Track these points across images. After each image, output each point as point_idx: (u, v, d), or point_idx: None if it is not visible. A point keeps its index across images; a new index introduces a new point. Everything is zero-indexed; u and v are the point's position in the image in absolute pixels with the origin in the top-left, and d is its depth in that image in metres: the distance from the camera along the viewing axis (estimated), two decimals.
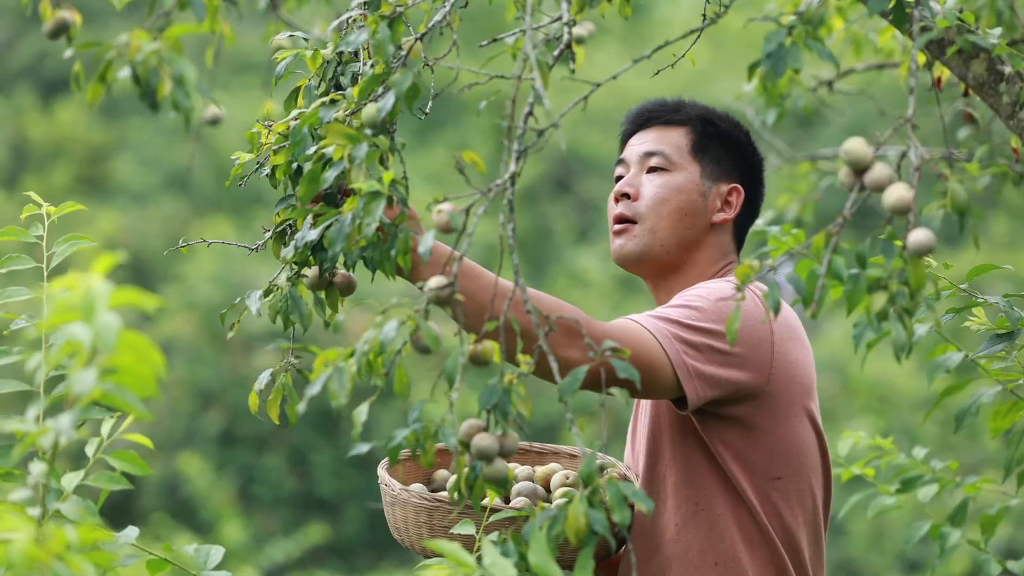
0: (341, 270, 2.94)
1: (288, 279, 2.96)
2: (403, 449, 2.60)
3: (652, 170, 3.30)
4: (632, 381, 2.67)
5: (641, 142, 3.34)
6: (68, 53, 2.60)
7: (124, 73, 2.48)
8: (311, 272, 2.95)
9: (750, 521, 3.14)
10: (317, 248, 2.87)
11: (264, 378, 3.01)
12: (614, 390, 2.64)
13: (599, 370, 2.75)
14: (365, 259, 2.75)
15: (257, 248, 3.07)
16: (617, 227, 3.31)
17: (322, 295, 2.99)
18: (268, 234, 3.02)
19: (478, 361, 2.59)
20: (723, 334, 3.04)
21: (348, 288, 2.98)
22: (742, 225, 3.34)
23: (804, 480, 3.18)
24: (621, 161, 3.37)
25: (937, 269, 3.28)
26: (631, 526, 3.12)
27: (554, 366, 2.61)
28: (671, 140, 3.32)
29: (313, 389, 2.60)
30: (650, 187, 3.29)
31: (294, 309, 2.96)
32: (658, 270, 3.30)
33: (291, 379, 3.01)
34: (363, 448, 2.59)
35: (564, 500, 2.53)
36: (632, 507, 2.67)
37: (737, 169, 3.33)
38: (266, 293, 2.99)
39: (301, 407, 2.74)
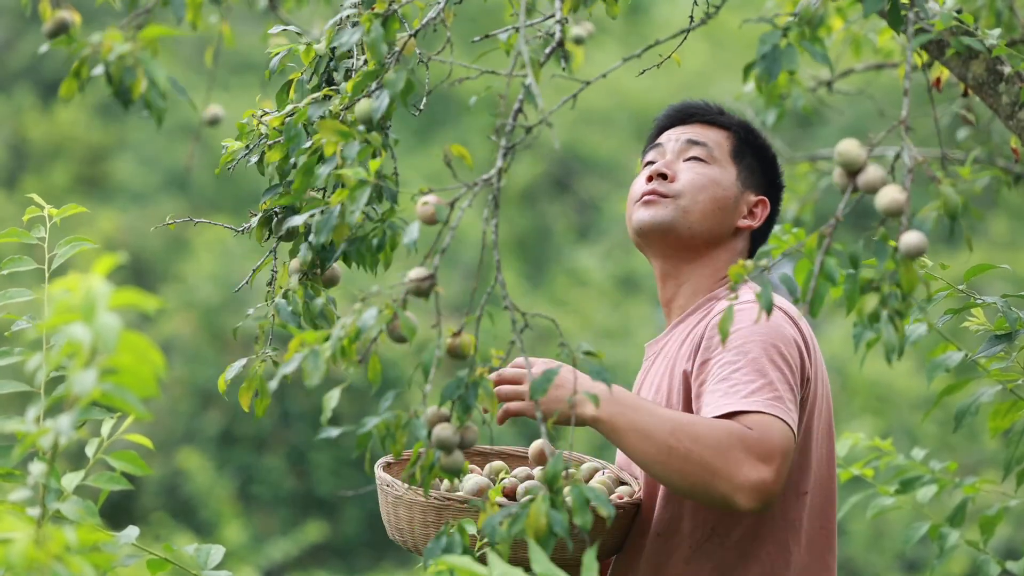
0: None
1: (300, 282, 2.98)
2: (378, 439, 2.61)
3: (691, 159, 3.30)
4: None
5: (683, 132, 3.33)
6: (43, 48, 2.62)
7: (98, 71, 2.50)
8: (294, 262, 2.98)
9: (774, 548, 3.11)
10: (325, 247, 2.88)
11: (237, 367, 3.03)
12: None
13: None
14: (347, 253, 2.76)
15: (243, 230, 3.09)
16: (647, 198, 3.27)
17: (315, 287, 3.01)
18: (255, 219, 3.05)
19: (456, 354, 2.60)
20: (793, 370, 3.03)
21: (332, 280, 3.02)
22: (756, 240, 3.34)
23: (824, 492, 3.16)
24: (656, 147, 3.34)
25: (933, 269, 3.28)
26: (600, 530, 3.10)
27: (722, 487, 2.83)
28: (713, 137, 3.32)
29: (288, 368, 2.61)
30: (689, 173, 3.28)
31: (315, 309, 2.98)
32: (676, 251, 3.27)
33: (263, 368, 3.04)
34: (332, 432, 2.60)
35: (528, 498, 2.54)
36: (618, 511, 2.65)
37: (766, 183, 3.35)
38: (282, 295, 3.00)
39: (273, 384, 2.74)
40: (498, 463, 3.28)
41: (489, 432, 2.63)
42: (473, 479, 3.12)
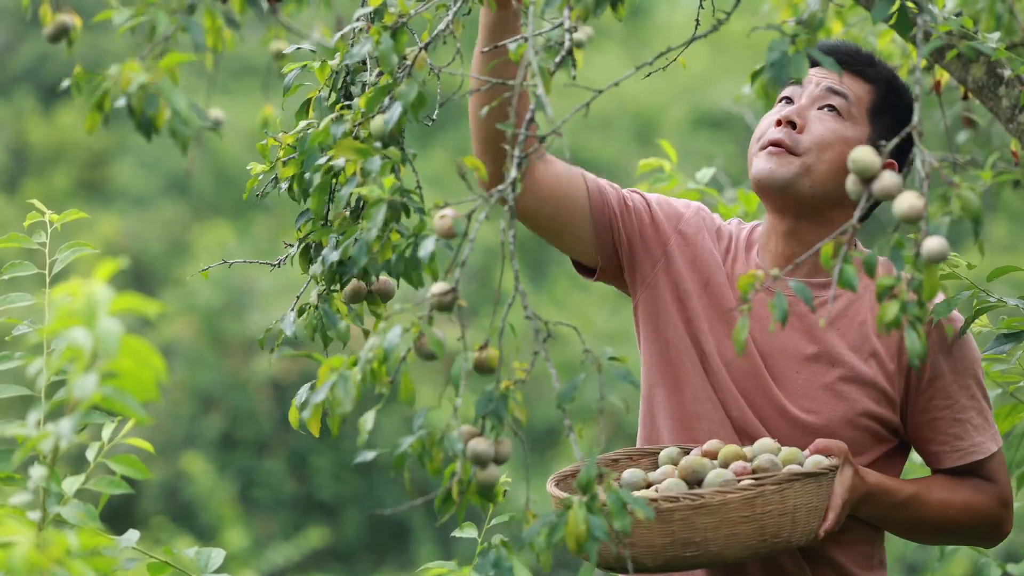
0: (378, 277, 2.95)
1: (319, 295, 2.96)
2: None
3: (825, 108, 3.14)
4: None
5: (825, 77, 3.15)
6: (66, 84, 2.59)
7: (120, 103, 2.48)
8: (348, 287, 2.95)
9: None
10: (342, 263, 2.87)
11: (304, 393, 2.99)
12: (614, 398, 2.63)
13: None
14: (390, 271, 2.74)
15: (280, 263, 3.06)
16: (772, 149, 3.11)
17: (360, 308, 2.99)
18: (293, 250, 3.02)
19: (483, 368, 2.58)
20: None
21: (388, 294, 3.00)
22: (874, 204, 3.19)
23: None
24: (796, 82, 3.15)
25: (960, 269, 3.26)
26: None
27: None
28: (855, 90, 3.14)
29: (318, 396, 2.60)
30: (820, 126, 3.11)
31: (330, 325, 2.96)
32: (795, 209, 3.12)
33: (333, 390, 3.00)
34: (368, 456, 2.58)
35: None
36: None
37: (897, 147, 3.13)
38: (300, 312, 2.99)
39: (306, 413, 2.73)
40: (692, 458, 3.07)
41: (523, 442, 2.60)
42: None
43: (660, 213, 3.23)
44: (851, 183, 2.47)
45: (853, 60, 3.17)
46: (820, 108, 3.14)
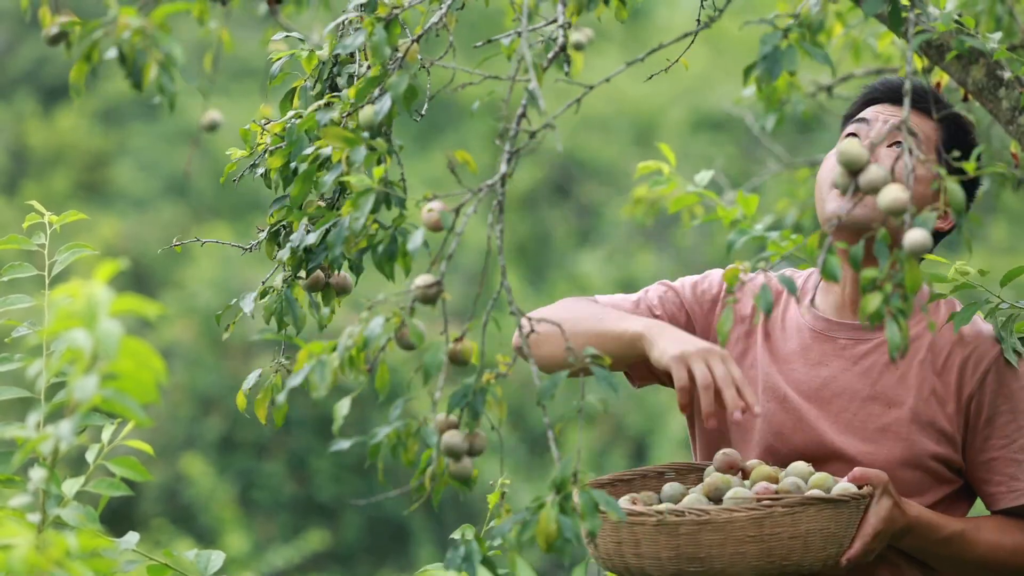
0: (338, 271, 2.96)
1: (284, 281, 2.97)
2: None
3: (894, 146, 3.10)
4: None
5: (893, 115, 3.14)
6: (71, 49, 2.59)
7: (111, 54, 2.48)
8: (309, 280, 2.96)
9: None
10: (310, 249, 2.87)
11: (252, 378, 3.01)
12: (593, 398, 2.61)
13: None
14: (354, 262, 2.74)
15: (251, 248, 3.07)
16: None
17: (318, 296, 3.00)
18: (263, 234, 3.03)
19: (457, 360, 2.57)
20: None
21: (344, 289, 3.00)
22: (938, 241, 3.17)
23: None
24: (862, 121, 3.15)
25: (974, 277, 3.24)
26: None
27: None
28: (923, 128, 3.13)
29: (295, 380, 2.59)
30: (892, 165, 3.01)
31: (288, 311, 2.96)
32: (868, 250, 3.01)
33: (281, 380, 3.02)
34: (344, 444, 2.58)
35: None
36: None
37: (964, 186, 3.10)
38: (262, 295, 3.00)
39: (280, 398, 2.73)
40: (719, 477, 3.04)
41: (499, 437, 2.59)
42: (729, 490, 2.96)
43: (696, 308, 3.26)
44: (839, 175, 2.47)
45: (919, 98, 3.14)
46: (890, 146, 3.11)
